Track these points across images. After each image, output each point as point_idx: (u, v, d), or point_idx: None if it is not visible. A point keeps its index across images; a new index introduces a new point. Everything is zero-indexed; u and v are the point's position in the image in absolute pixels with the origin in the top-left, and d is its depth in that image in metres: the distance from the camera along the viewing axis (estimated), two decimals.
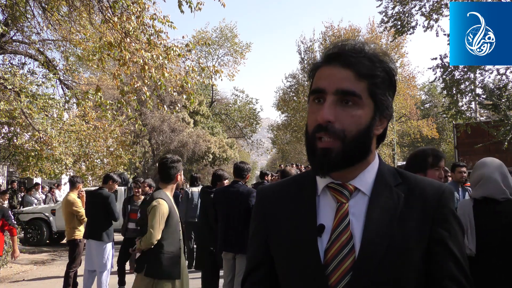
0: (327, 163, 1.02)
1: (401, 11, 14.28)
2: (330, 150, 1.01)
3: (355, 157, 1.04)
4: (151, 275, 3.53)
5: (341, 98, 1.02)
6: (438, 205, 1.04)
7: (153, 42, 7.13)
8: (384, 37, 26.73)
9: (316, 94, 1.06)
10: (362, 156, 1.06)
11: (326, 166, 1.03)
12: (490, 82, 13.87)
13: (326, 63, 1.07)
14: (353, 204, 1.05)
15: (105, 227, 6.20)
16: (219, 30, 33.82)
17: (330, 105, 1.02)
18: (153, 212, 3.56)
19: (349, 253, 1.00)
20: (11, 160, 13.93)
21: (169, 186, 3.83)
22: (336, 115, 1.01)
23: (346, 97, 1.02)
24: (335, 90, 1.02)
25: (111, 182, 6.36)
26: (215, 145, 25.33)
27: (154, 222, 3.53)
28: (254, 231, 1.20)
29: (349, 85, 1.02)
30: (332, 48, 1.08)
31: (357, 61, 1.03)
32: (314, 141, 1.04)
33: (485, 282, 2.40)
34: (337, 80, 1.03)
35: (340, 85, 1.02)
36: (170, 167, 3.76)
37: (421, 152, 2.89)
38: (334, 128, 1.01)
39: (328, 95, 1.03)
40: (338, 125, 1.01)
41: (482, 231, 2.53)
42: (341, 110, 1.02)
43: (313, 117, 1.05)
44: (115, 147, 12.63)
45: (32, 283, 8.33)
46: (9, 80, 8.91)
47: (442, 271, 1.01)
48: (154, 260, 3.56)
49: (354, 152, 1.03)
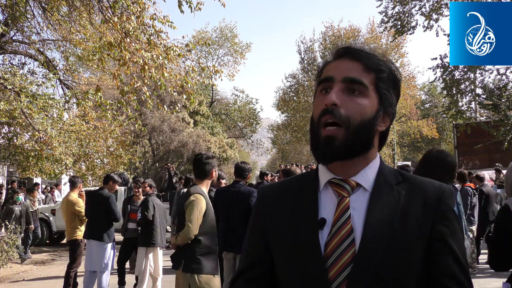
0: (330, 151, 1.04)
1: (401, 11, 14.28)
2: (333, 138, 1.03)
3: (357, 148, 1.05)
4: (190, 271, 3.49)
5: (348, 86, 1.05)
6: (438, 203, 1.05)
7: (153, 42, 7.13)
8: (384, 37, 26.75)
9: (324, 84, 1.08)
10: (364, 148, 1.07)
11: (329, 154, 1.05)
12: (490, 82, 13.88)
13: (335, 58, 1.11)
14: (354, 199, 1.06)
15: (106, 228, 6.19)
16: (219, 30, 33.84)
17: (337, 91, 1.05)
18: (191, 207, 3.54)
19: (349, 247, 1.01)
20: (11, 160, 13.92)
21: (205, 182, 3.80)
22: (342, 100, 1.04)
23: (353, 85, 1.05)
24: (343, 78, 1.06)
25: (111, 182, 6.34)
26: (215, 145, 25.32)
27: (192, 217, 3.51)
28: (251, 230, 1.20)
29: (357, 74, 1.06)
30: (340, 46, 1.12)
31: (366, 56, 1.08)
32: (319, 128, 1.06)
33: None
34: (345, 69, 1.07)
35: (348, 74, 1.06)
36: (205, 163, 3.75)
37: (452, 162, 2.86)
38: (340, 112, 1.03)
39: (335, 83, 1.06)
40: (343, 110, 1.03)
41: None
42: (347, 97, 1.05)
43: (319, 105, 1.07)
44: (115, 147, 12.63)
45: (32, 283, 8.34)
46: (9, 80, 8.91)
47: (442, 269, 1.01)
48: (191, 255, 3.52)
49: (357, 143, 1.04)
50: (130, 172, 18.34)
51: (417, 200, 1.05)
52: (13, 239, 8.80)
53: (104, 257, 6.14)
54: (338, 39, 27.74)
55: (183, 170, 28.09)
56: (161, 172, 22.89)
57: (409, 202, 1.05)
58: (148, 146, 25.16)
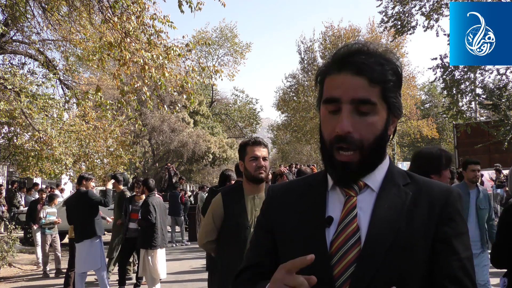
0: (348, 175, 1.05)
1: (401, 11, 14.27)
2: (350, 164, 1.04)
3: (374, 164, 1.08)
4: None
5: (356, 107, 1.03)
6: (445, 204, 1.05)
7: (153, 42, 7.13)
8: (384, 37, 26.73)
9: (331, 104, 1.05)
10: (380, 160, 1.09)
11: (347, 178, 1.06)
12: (490, 82, 13.88)
13: (336, 70, 1.06)
14: (361, 199, 1.07)
15: (93, 222, 6.27)
16: (219, 30, 33.85)
17: (347, 115, 1.02)
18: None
19: (355, 245, 1.01)
20: (11, 160, 13.91)
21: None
22: (354, 125, 1.02)
23: (362, 106, 1.02)
24: (350, 99, 1.02)
25: (84, 181, 6.45)
26: (215, 145, 25.31)
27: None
28: (259, 227, 1.22)
29: (364, 93, 1.02)
30: (338, 53, 1.08)
31: (368, 67, 1.03)
32: (333, 153, 1.05)
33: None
34: (351, 88, 1.02)
35: (355, 94, 1.02)
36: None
37: (435, 153, 2.80)
38: (353, 138, 1.02)
39: (343, 104, 1.03)
40: (356, 135, 1.02)
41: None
42: (358, 119, 1.03)
43: (329, 128, 1.06)
44: (115, 147, 12.61)
45: (32, 283, 8.34)
46: (9, 80, 8.89)
47: (444, 271, 1.01)
48: None
49: (373, 160, 1.06)
50: (130, 172, 18.33)
51: (423, 202, 1.06)
52: (13, 239, 8.80)
53: (97, 254, 6.23)
54: (338, 39, 27.75)
55: (183, 170, 28.10)
56: (161, 172, 22.88)
57: (415, 203, 1.05)
58: (148, 146, 25.16)
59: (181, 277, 8.20)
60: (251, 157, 2.78)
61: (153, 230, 6.22)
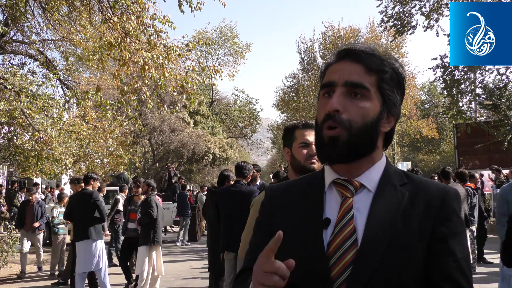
0: (334, 152, 1.05)
1: (401, 11, 14.28)
2: (336, 139, 1.04)
3: (361, 149, 1.06)
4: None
5: (350, 90, 1.05)
6: (442, 204, 1.05)
7: (153, 42, 7.13)
8: (384, 37, 26.73)
9: (326, 88, 1.09)
10: (368, 149, 1.08)
11: (333, 155, 1.06)
12: (490, 82, 13.89)
13: (336, 60, 1.11)
14: (357, 199, 1.07)
15: (93, 223, 6.19)
16: (219, 30, 33.84)
17: (338, 96, 1.05)
18: None
19: (352, 246, 1.01)
20: (11, 160, 13.91)
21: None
22: (344, 105, 1.04)
23: (354, 89, 1.05)
24: (344, 82, 1.06)
25: (92, 181, 6.41)
26: (215, 145, 25.30)
27: None
28: (258, 227, 1.21)
29: (358, 77, 1.05)
30: (341, 47, 1.12)
31: (367, 57, 1.07)
32: (322, 131, 1.07)
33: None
34: (347, 73, 1.06)
35: (349, 77, 1.06)
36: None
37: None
38: (341, 117, 1.04)
39: (337, 87, 1.06)
40: (345, 115, 1.04)
41: None
42: (349, 101, 1.05)
43: (322, 109, 1.09)
44: (115, 147, 12.60)
45: (32, 283, 8.34)
46: (9, 80, 8.89)
47: (440, 271, 1.01)
48: None
49: (360, 144, 1.05)
50: (130, 172, 18.31)
51: (420, 202, 1.05)
52: (13, 239, 8.80)
53: (97, 254, 6.20)
54: (338, 39, 27.73)
55: (183, 170, 28.10)
56: (161, 172, 22.88)
57: (412, 203, 1.05)
58: (148, 146, 25.15)
59: (181, 277, 8.20)
60: (301, 143, 2.24)
61: (155, 226, 6.25)
